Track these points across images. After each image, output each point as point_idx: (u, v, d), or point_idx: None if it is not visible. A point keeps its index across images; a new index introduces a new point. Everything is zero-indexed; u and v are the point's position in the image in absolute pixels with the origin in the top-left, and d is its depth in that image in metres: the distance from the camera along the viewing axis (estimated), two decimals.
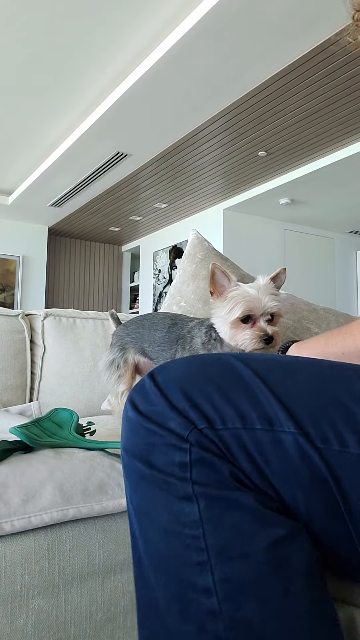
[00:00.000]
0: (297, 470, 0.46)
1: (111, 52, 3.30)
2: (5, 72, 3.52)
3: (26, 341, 1.50)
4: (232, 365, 0.51)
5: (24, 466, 0.80)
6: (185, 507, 0.47)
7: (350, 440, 0.45)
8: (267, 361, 0.52)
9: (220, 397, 0.48)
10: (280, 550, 0.45)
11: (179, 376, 0.50)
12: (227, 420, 0.47)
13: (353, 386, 0.48)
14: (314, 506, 0.47)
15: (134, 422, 0.50)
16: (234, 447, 0.47)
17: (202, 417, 0.47)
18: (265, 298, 0.89)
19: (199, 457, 0.47)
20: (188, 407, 0.48)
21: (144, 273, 7.47)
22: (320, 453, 0.46)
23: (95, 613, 0.77)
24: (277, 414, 0.47)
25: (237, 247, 6.02)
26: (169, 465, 0.47)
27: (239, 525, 0.46)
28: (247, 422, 0.47)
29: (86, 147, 4.45)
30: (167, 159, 4.72)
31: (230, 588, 0.45)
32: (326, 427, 0.46)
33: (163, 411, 0.48)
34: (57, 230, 7.25)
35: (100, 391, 1.54)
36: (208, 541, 0.46)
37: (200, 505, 0.46)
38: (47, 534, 0.75)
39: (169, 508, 0.47)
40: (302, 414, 0.47)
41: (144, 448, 0.49)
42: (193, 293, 1.39)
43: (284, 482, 0.47)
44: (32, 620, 0.72)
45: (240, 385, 0.49)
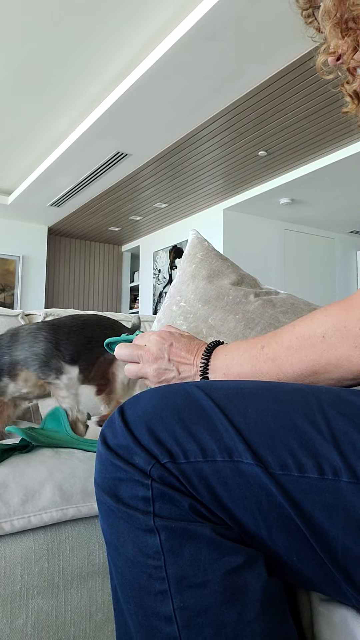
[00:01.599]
0: (258, 499, 0.48)
1: (111, 52, 3.30)
2: (5, 72, 3.52)
3: None
4: (195, 397, 0.52)
5: (23, 466, 0.80)
6: (148, 539, 0.49)
7: (307, 465, 0.47)
8: (228, 389, 0.53)
9: (183, 431, 0.50)
10: (237, 578, 0.48)
11: (146, 411, 0.52)
12: (190, 454, 0.49)
13: (310, 411, 0.50)
14: (275, 532, 0.49)
15: (104, 457, 0.52)
16: (195, 480, 0.49)
17: (165, 452, 0.49)
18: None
19: (160, 492, 0.49)
20: (152, 443, 0.50)
21: (144, 273, 7.47)
22: (278, 481, 0.47)
23: (95, 613, 0.77)
24: (236, 445, 0.49)
25: (237, 247, 6.02)
26: (134, 499, 0.50)
27: (197, 555, 0.48)
28: (208, 454, 0.49)
29: (86, 147, 4.45)
30: (167, 159, 4.72)
31: (188, 615, 0.47)
32: (285, 454, 0.48)
33: (129, 446, 0.50)
34: (57, 230, 7.25)
35: None
36: (169, 571, 0.48)
37: (161, 537, 0.49)
38: (46, 534, 0.75)
39: (134, 540, 0.50)
40: (260, 444, 0.49)
41: (112, 483, 0.51)
42: (193, 293, 1.39)
43: (246, 511, 0.49)
44: (32, 620, 0.72)
45: (202, 417, 0.50)
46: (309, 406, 0.50)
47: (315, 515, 0.47)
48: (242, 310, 1.34)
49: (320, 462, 0.47)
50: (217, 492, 0.49)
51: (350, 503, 0.46)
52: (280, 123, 4.05)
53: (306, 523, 0.47)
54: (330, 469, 0.46)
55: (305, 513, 0.47)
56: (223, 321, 1.32)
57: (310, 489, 0.47)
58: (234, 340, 1.30)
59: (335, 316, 0.54)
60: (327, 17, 0.67)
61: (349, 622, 0.52)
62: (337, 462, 0.46)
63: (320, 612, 0.55)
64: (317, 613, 0.56)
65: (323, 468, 0.47)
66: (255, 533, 0.50)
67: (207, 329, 1.32)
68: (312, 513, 0.47)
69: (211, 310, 1.35)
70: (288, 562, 0.50)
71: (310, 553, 0.48)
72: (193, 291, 1.40)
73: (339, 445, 0.47)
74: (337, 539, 0.46)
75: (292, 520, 0.47)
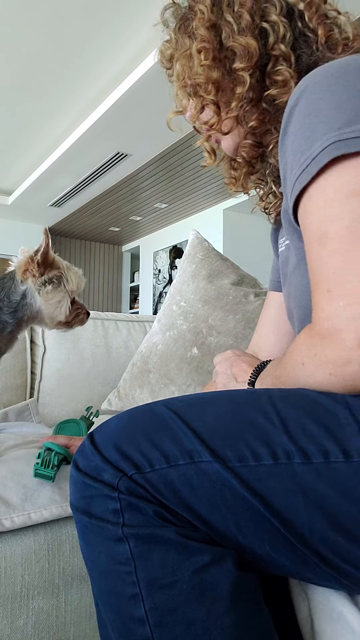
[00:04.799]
0: (222, 495, 0.51)
1: (111, 52, 3.30)
2: (5, 72, 3.52)
3: (26, 341, 1.50)
4: (157, 412, 0.56)
5: (23, 466, 0.80)
6: (119, 548, 0.52)
7: (262, 453, 0.50)
8: (189, 400, 0.57)
9: (147, 442, 0.53)
10: (204, 576, 0.50)
11: (113, 431, 0.56)
12: (154, 463, 0.52)
13: (262, 405, 0.53)
14: (244, 524, 0.51)
15: (76, 479, 0.55)
16: (161, 486, 0.52)
17: (131, 465, 0.52)
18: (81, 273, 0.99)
19: (127, 502, 0.52)
20: (119, 458, 0.53)
21: (144, 273, 7.47)
22: (238, 473, 0.50)
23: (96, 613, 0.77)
24: (195, 447, 0.51)
25: (237, 247, 6.02)
26: (104, 512, 0.53)
27: (165, 558, 0.51)
28: (171, 459, 0.52)
29: (86, 147, 4.45)
30: (167, 159, 4.72)
31: (159, 615, 0.50)
32: (242, 447, 0.51)
33: (97, 466, 0.54)
34: (57, 230, 7.25)
35: (100, 391, 1.54)
36: (139, 575, 0.51)
37: (130, 544, 0.51)
38: (47, 534, 0.75)
39: (106, 550, 0.53)
40: (217, 441, 0.52)
41: (85, 501, 0.54)
42: (193, 293, 1.39)
43: (213, 509, 0.51)
44: (32, 620, 0.72)
45: (163, 427, 0.54)
46: (260, 402, 0.54)
47: (277, 501, 0.49)
48: (242, 310, 1.34)
49: (273, 449, 0.50)
50: (183, 495, 0.52)
51: (308, 484, 0.48)
52: None
53: (270, 510, 0.49)
54: (283, 454, 0.49)
55: (268, 500, 0.49)
56: (223, 321, 1.32)
57: (268, 476, 0.50)
58: (233, 339, 1.30)
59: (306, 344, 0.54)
60: (176, 80, 0.75)
61: (347, 617, 0.53)
62: (288, 446, 0.49)
63: (319, 609, 0.56)
64: (316, 610, 0.56)
65: (277, 453, 0.50)
66: (226, 530, 0.52)
67: (207, 329, 1.32)
68: (274, 499, 0.49)
69: (211, 310, 1.35)
70: (262, 553, 0.52)
71: (281, 539, 0.50)
72: (193, 291, 1.40)
73: (289, 430, 0.50)
74: (302, 521, 0.49)
75: (258, 510, 0.50)
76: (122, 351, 1.61)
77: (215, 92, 0.72)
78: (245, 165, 0.83)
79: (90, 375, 1.54)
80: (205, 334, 1.32)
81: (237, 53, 0.69)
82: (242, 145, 0.77)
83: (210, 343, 1.30)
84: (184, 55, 0.74)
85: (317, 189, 0.55)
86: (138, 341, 1.63)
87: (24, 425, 1.15)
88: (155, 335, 1.42)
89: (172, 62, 0.80)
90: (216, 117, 0.73)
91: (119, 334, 1.63)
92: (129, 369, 1.43)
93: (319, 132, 0.55)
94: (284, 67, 0.68)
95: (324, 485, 0.48)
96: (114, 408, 1.43)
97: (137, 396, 1.36)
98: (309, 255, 0.56)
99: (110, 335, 1.61)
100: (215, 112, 0.73)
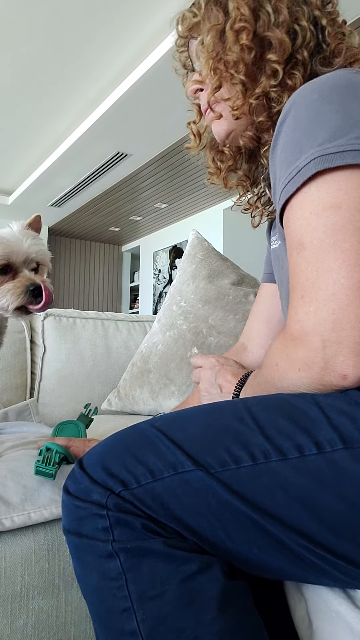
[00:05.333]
0: (207, 502, 0.52)
1: (111, 52, 3.30)
2: (5, 72, 3.52)
3: (26, 341, 1.50)
4: (141, 430, 0.58)
5: (22, 466, 0.80)
6: (109, 564, 0.53)
7: (241, 456, 0.52)
8: (170, 416, 0.59)
9: (132, 459, 0.55)
10: (192, 584, 0.51)
11: (99, 453, 0.58)
12: (141, 478, 0.54)
13: (238, 412, 0.55)
14: (231, 529, 0.52)
15: (67, 503, 0.57)
16: (148, 500, 0.53)
17: (119, 482, 0.54)
18: (26, 242, 0.75)
19: (116, 519, 0.53)
20: (106, 477, 0.55)
21: (144, 273, 7.47)
22: (220, 478, 0.52)
23: None
24: (178, 458, 0.53)
25: (237, 247, 6.02)
26: (95, 531, 0.54)
27: (154, 569, 0.52)
28: (157, 473, 0.54)
29: (86, 147, 4.45)
30: (167, 159, 4.72)
31: (150, 626, 0.51)
32: (221, 452, 0.53)
33: (86, 487, 0.55)
34: (57, 230, 7.25)
35: (100, 391, 1.54)
36: (130, 588, 0.52)
37: (120, 558, 0.53)
38: (47, 534, 0.75)
39: (98, 568, 0.54)
40: (198, 450, 0.53)
41: (76, 523, 0.56)
42: (193, 293, 1.39)
43: (200, 517, 0.53)
44: (32, 620, 0.72)
45: (147, 443, 0.56)
46: (236, 409, 0.56)
47: (260, 501, 0.51)
48: (242, 310, 1.34)
49: (251, 450, 0.52)
50: (170, 507, 0.53)
51: (286, 479, 0.50)
52: None
53: (256, 510, 0.51)
54: (260, 454, 0.51)
55: (251, 500, 0.51)
56: (223, 321, 1.32)
57: (249, 477, 0.51)
58: (234, 339, 1.30)
59: (279, 346, 0.59)
60: (205, 51, 0.74)
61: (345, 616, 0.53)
62: (265, 445, 0.52)
63: (317, 609, 0.56)
64: (314, 609, 0.56)
65: (254, 454, 0.52)
66: (215, 537, 0.53)
67: (207, 329, 1.32)
68: (257, 499, 0.51)
69: (211, 310, 1.35)
70: (252, 557, 0.53)
71: (269, 540, 0.51)
72: (193, 291, 1.40)
73: (264, 431, 0.52)
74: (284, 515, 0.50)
75: (243, 513, 0.51)
76: (122, 351, 1.61)
77: (244, 73, 0.71)
78: (230, 159, 0.83)
79: (90, 375, 1.54)
80: (205, 334, 1.32)
81: (273, 44, 0.69)
82: (242, 135, 0.77)
83: (210, 343, 1.30)
84: (215, 28, 0.73)
85: (298, 200, 0.58)
86: (138, 341, 1.63)
87: (24, 425, 1.15)
88: (155, 335, 1.42)
89: (191, 32, 0.79)
90: (242, 98, 0.72)
91: (119, 334, 1.63)
92: (129, 369, 1.43)
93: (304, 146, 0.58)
94: (299, 73, 0.70)
95: (301, 478, 0.50)
96: (114, 408, 1.43)
97: (137, 396, 1.36)
98: (289, 261, 0.59)
99: (110, 335, 1.61)
100: (242, 92, 0.72)
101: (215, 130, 0.80)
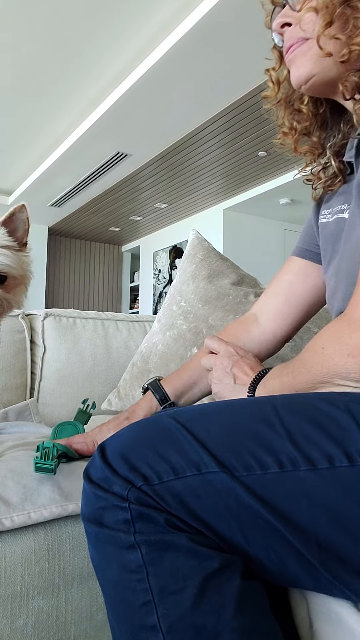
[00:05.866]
0: (227, 504, 0.52)
1: (112, 52, 3.30)
2: (5, 72, 3.52)
3: (26, 341, 1.50)
4: (164, 424, 0.57)
5: (22, 466, 0.80)
6: (130, 555, 0.53)
7: (268, 462, 0.51)
8: (193, 411, 0.59)
9: (154, 455, 0.55)
10: (213, 581, 0.51)
11: (122, 444, 0.57)
12: (162, 475, 0.54)
13: (265, 414, 0.55)
14: (250, 533, 0.52)
15: (87, 491, 0.57)
16: (168, 497, 0.53)
17: (140, 477, 0.54)
18: None
19: (138, 512, 0.53)
20: (127, 471, 0.54)
21: (144, 273, 7.47)
22: (244, 482, 0.51)
23: (96, 613, 0.77)
24: (202, 458, 0.53)
25: (237, 247, 6.02)
26: (116, 523, 0.54)
27: (176, 563, 0.52)
28: (179, 472, 0.53)
29: (86, 147, 4.45)
30: (167, 159, 4.72)
31: (171, 621, 0.50)
32: (247, 456, 0.52)
33: (107, 478, 0.55)
34: (57, 230, 7.25)
35: (100, 391, 1.54)
36: (151, 582, 0.52)
37: (142, 550, 0.52)
38: (47, 534, 0.75)
39: (118, 559, 0.54)
40: (223, 451, 0.53)
41: (96, 512, 0.56)
42: (193, 293, 1.39)
43: (219, 518, 0.53)
44: (32, 620, 0.72)
45: (170, 440, 0.55)
46: (263, 411, 0.55)
47: (284, 508, 0.51)
48: (242, 310, 1.34)
49: (279, 457, 0.51)
50: (190, 506, 0.53)
51: (312, 490, 0.50)
52: None
53: (278, 517, 0.51)
54: (288, 461, 0.51)
55: (275, 508, 0.51)
56: (223, 321, 1.32)
57: (274, 484, 0.51)
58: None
59: (332, 329, 0.59)
60: None
61: (346, 619, 0.53)
62: (293, 453, 0.51)
63: (318, 610, 0.56)
64: (315, 611, 0.56)
65: (282, 462, 0.51)
66: (233, 539, 0.53)
67: (207, 329, 1.32)
68: (281, 506, 0.51)
69: (211, 310, 1.35)
70: (267, 562, 0.53)
71: (287, 548, 0.51)
72: (193, 291, 1.40)
73: (293, 438, 0.52)
74: (307, 527, 0.50)
75: (264, 518, 0.51)
76: (122, 351, 1.61)
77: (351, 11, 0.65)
78: (307, 120, 0.77)
79: (91, 375, 1.54)
80: (205, 334, 1.32)
81: None
82: (345, 80, 0.68)
83: None
84: None
85: None
86: (138, 341, 1.63)
87: (24, 425, 1.15)
88: (155, 335, 1.42)
89: None
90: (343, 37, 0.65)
91: (119, 334, 1.63)
92: (129, 369, 1.43)
93: None
94: None
95: (328, 488, 0.49)
96: (114, 408, 1.43)
97: (137, 396, 1.36)
98: None
99: (110, 335, 1.61)
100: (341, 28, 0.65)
101: (297, 73, 0.71)
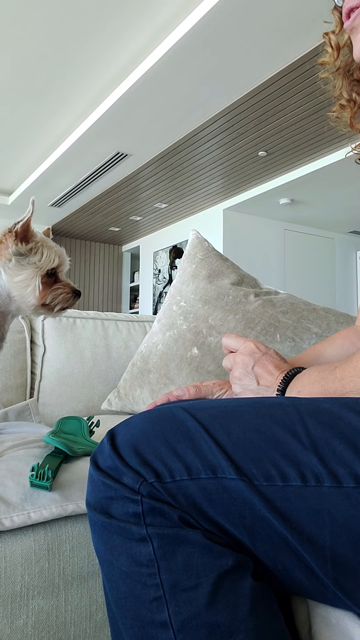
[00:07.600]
0: (241, 513, 0.50)
1: (112, 52, 3.30)
2: (5, 71, 3.52)
3: (26, 341, 1.50)
4: (180, 419, 0.55)
5: (22, 466, 0.80)
6: (141, 548, 0.51)
7: (290, 474, 0.49)
8: (212, 409, 0.56)
9: (169, 451, 0.52)
10: (227, 580, 0.50)
11: (134, 434, 0.55)
12: (175, 474, 0.51)
13: (290, 422, 0.52)
14: (260, 543, 0.51)
15: (95, 478, 0.54)
16: (180, 497, 0.51)
17: (152, 472, 0.52)
18: (64, 250, 0.82)
19: (150, 506, 0.51)
20: (139, 464, 0.52)
21: (144, 273, 7.48)
22: (263, 493, 0.49)
23: (96, 613, 0.77)
24: (219, 462, 0.51)
25: (237, 247, 6.02)
26: (125, 515, 0.52)
27: (190, 559, 0.50)
28: (193, 472, 0.51)
29: (86, 147, 4.45)
30: (167, 159, 4.72)
31: (183, 619, 0.48)
32: (268, 466, 0.49)
33: (117, 468, 0.53)
34: (57, 230, 7.25)
35: (100, 391, 1.54)
36: (162, 577, 0.50)
37: (154, 544, 0.50)
38: (47, 534, 0.75)
39: (127, 551, 0.51)
40: (243, 458, 0.50)
41: (104, 502, 0.53)
42: (193, 293, 1.39)
43: (231, 523, 0.51)
44: (32, 620, 0.72)
45: (187, 437, 0.53)
46: (289, 418, 0.52)
47: (302, 523, 0.48)
48: (242, 310, 1.34)
49: (302, 470, 0.48)
50: (202, 508, 0.51)
51: (335, 507, 0.47)
52: (280, 123, 4.05)
53: (293, 531, 0.48)
54: (312, 476, 0.48)
55: (292, 522, 0.48)
56: (223, 321, 1.32)
57: (295, 497, 0.48)
58: None
59: None
60: None
61: (346, 623, 0.53)
62: (318, 468, 0.48)
63: (317, 614, 0.56)
64: (315, 614, 0.56)
65: (305, 476, 0.48)
66: (242, 543, 0.51)
67: (207, 329, 1.32)
68: (299, 521, 0.48)
69: (211, 310, 1.35)
70: (273, 571, 0.52)
71: (296, 561, 0.49)
72: (193, 291, 1.40)
73: (319, 452, 0.49)
74: (325, 544, 0.48)
75: (277, 532, 0.49)
76: (122, 351, 1.61)
77: None
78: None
79: (91, 375, 1.54)
80: (205, 334, 1.32)
81: None
82: None
83: (210, 343, 1.30)
84: None
85: None
86: (138, 341, 1.63)
87: (24, 425, 1.15)
88: (155, 335, 1.42)
89: None
90: None
91: (119, 334, 1.63)
92: (129, 369, 1.43)
93: None
94: None
95: (352, 508, 0.47)
96: (114, 408, 1.43)
97: (137, 396, 1.36)
98: None
99: (110, 335, 1.61)
100: None
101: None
